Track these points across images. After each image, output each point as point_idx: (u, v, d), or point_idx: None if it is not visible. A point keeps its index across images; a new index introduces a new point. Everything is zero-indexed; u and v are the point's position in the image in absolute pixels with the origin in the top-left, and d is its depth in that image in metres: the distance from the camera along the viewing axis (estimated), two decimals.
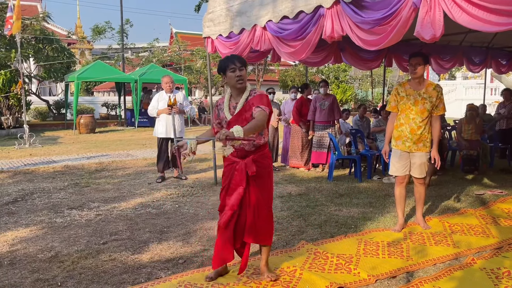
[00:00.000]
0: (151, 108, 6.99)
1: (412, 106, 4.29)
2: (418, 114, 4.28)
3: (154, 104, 7.00)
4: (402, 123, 4.38)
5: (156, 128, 7.08)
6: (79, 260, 3.68)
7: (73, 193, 6.20)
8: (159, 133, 7.00)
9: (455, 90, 25.18)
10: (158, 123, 7.03)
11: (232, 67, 3.11)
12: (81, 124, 15.36)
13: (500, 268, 3.46)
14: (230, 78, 3.14)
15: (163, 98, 6.97)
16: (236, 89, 3.19)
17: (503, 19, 2.92)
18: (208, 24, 6.28)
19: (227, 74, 3.14)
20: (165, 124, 6.91)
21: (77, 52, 31.02)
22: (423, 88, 4.31)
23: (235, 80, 3.13)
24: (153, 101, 7.06)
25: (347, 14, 4.02)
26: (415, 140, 4.33)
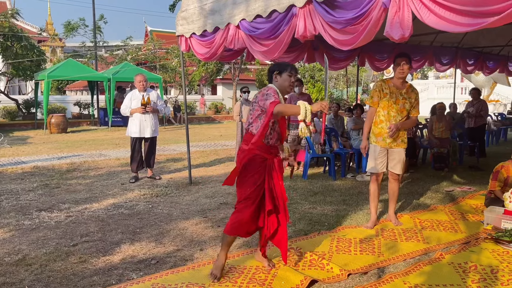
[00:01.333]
0: (124, 107, 6.85)
1: (394, 104, 4.40)
2: (398, 112, 4.39)
3: (127, 103, 6.86)
4: (382, 120, 4.46)
5: (129, 127, 6.94)
6: (48, 263, 3.59)
7: (42, 194, 6.04)
8: (133, 132, 6.87)
9: (427, 89, 25.78)
10: (131, 123, 6.90)
11: (291, 71, 3.33)
12: (52, 123, 14.99)
13: (467, 263, 3.56)
14: (285, 80, 3.32)
15: (136, 97, 6.86)
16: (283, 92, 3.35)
17: (469, 20, 2.99)
18: (182, 23, 6.22)
19: (283, 75, 3.32)
20: (138, 123, 6.79)
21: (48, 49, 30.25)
22: (404, 88, 4.45)
23: (289, 84, 3.34)
24: (126, 100, 6.92)
25: (319, 13, 4.04)
26: (395, 137, 4.42)
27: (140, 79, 6.83)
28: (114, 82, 16.80)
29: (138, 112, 6.73)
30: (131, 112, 6.77)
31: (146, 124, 6.82)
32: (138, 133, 6.82)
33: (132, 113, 6.77)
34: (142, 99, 6.77)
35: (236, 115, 7.87)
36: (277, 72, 3.33)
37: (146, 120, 6.82)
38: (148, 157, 7.06)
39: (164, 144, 12.11)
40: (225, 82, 29.42)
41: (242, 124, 7.79)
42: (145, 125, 6.82)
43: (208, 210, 5.22)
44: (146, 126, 6.82)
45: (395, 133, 4.34)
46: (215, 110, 24.61)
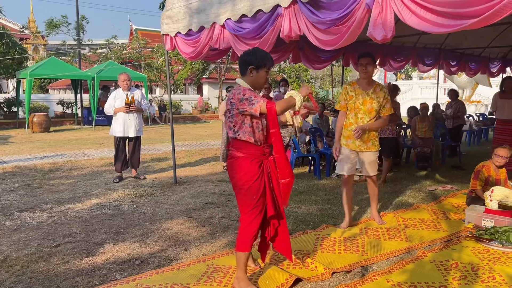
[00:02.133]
0: (108, 106, 6.79)
1: (361, 105, 4.36)
2: (366, 113, 4.34)
3: (110, 102, 6.79)
4: (351, 122, 4.42)
5: (113, 127, 6.85)
6: (29, 264, 3.53)
7: (24, 194, 5.94)
8: (116, 132, 6.79)
9: (411, 90, 26.09)
10: (115, 122, 6.81)
11: (269, 67, 3.01)
12: (34, 122, 14.74)
13: (449, 260, 3.62)
14: (261, 77, 3.00)
15: (120, 96, 6.78)
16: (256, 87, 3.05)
17: (449, 21, 3.05)
18: (167, 21, 6.18)
19: (261, 72, 2.98)
20: (122, 122, 6.73)
21: (30, 47, 29.74)
22: (371, 88, 4.38)
23: (264, 81, 3.05)
24: (110, 99, 6.84)
25: (304, 14, 4.07)
26: (364, 139, 4.38)
27: (124, 78, 6.75)
28: (98, 81, 16.61)
29: (122, 111, 6.67)
30: (115, 111, 6.70)
31: (130, 123, 6.76)
32: (122, 132, 6.75)
33: (116, 112, 6.70)
34: (126, 98, 6.70)
35: (221, 115, 7.84)
36: (254, 67, 2.96)
37: (130, 119, 6.75)
38: (133, 157, 7.00)
39: (149, 143, 12.02)
40: (211, 81, 29.34)
41: None
42: (129, 124, 6.75)
43: (193, 210, 5.20)
44: (130, 126, 6.76)
45: (360, 134, 4.26)
46: (201, 110, 24.51)
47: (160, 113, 20.45)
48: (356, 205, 5.40)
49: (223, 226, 4.55)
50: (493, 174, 5.04)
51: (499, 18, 2.82)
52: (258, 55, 2.99)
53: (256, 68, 2.97)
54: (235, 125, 2.99)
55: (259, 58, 2.97)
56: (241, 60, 3.03)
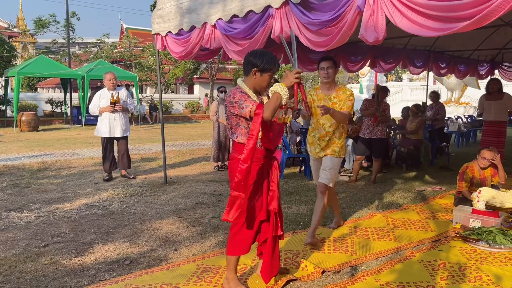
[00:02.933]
0: (92, 106, 6.68)
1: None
2: (327, 119, 4.05)
3: (95, 102, 6.69)
4: (313, 128, 4.19)
5: (98, 127, 6.76)
6: (17, 264, 3.50)
7: (12, 194, 5.88)
8: (102, 132, 6.71)
9: (401, 91, 26.32)
10: (100, 122, 6.72)
11: (274, 72, 2.91)
12: (22, 121, 14.58)
13: (437, 260, 3.65)
14: (264, 81, 2.90)
15: (105, 95, 6.69)
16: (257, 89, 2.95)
17: (440, 25, 3.08)
18: (158, 21, 6.16)
19: (264, 75, 2.88)
20: (108, 122, 6.65)
21: (19, 45, 29.41)
22: (333, 93, 4.13)
23: (267, 84, 2.95)
24: (95, 98, 6.72)
25: (295, 15, 4.08)
26: (323, 146, 4.11)
27: (110, 77, 6.67)
28: (88, 80, 16.49)
29: (107, 110, 6.58)
30: (100, 111, 6.61)
31: (116, 123, 6.68)
32: (108, 132, 6.68)
33: (101, 112, 6.61)
34: (111, 97, 6.61)
35: (212, 115, 7.84)
36: (259, 70, 2.86)
37: (115, 119, 6.68)
38: (122, 157, 6.92)
39: (139, 143, 11.97)
40: (202, 81, 29.28)
41: (218, 123, 7.78)
42: (115, 124, 6.67)
43: (183, 210, 5.19)
44: (116, 126, 6.68)
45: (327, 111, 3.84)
46: (192, 110, 24.45)
47: (151, 112, 20.37)
48: (345, 205, 5.44)
49: (213, 226, 4.55)
50: (477, 174, 5.11)
51: (489, 21, 2.86)
52: (265, 58, 2.87)
53: (260, 71, 2.87)
54: (231, 127, 2.95)
55: (265, 62, 2.86)
56: (247, 60, 2.92)
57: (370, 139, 6.75)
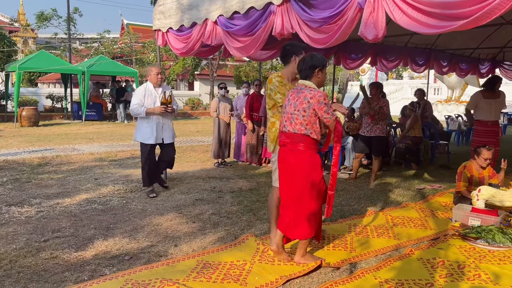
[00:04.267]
0: (136, 106, 5.40)
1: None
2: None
3: (138, 100, 5.42)
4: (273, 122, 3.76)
5: (140, 131, 5.54)
6: (18, 259, 3.51)
7: (12, 189, 5.89)
8: (147, 138, 5.49)
9: (401, 89, 26.30)
10: (144, 125, 5.51)
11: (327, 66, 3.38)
12: (23, 116, 14.57)
13: (436, 258, 3.67)
14: (324, 76, 3.37)
15: (151, 93, 5.49)
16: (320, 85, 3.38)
17: (438, 22, 3.09)
18: (159, 17, 6.16)
19: (324, 71, 3.34)
20: (155, 126, 5.48)
21: (20, 40, 29.37)
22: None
23: (324, 80, 3.39)
24: (137, 96, 5.47)
25: (296, 11, 4.08)
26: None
27: (157, 71, 5.50)
28: (89, 75, 16.47)
29: (158, 112, 5.42)
30: (148, 113, 5.41)
31: (165, 127, 5.58)
32: (155, 138, 5.50)
33: (149, 113, 5.43)
34: (162, 97, 5.45)
35: (213, 111, 7.84)
36: (320, 68, 3.31)
37: (164, 122, 5.56)
38: (167, 165, 5.96)
39: None
40: (202, 78, 29.25)
41: (219, 120, 7.77)
42: (164, 128, 5.56)
43: (183, 206, 5.20)
44: (165, 130, 5.58)
45: None
46: (192, 106, 24.43)
47: None
48: (345, 202, 5.45)
49: (213, 223, 4.56)
50: (476, 173, 5.11)
51: (488, 20, 2.86)
52: (314, 56, 3.32)
53: (321, 69, 3.31)
54: (307, 123, 3.27)
55: (319, 59, 3.30)
56: (305, 66, 3.32)
57: (370, 137, 6.74)
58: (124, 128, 15.27)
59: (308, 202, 3.34)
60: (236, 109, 8.16)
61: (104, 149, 9.85)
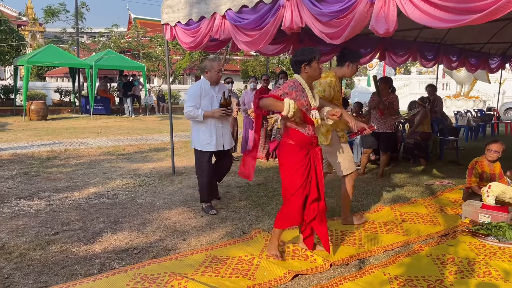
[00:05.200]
0: (191, 108, 4.58)
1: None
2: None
3: (194, 101, 4.61)
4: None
5: (198, 137, 4.73)
6: (28, 252, 3.54)
7: (21, 182, 5.93)
8: (206, 144, 4.70)
9: (409, 85, 26.12)
10: (200, 129, 4.71)
11: (319, 58, 3.30)
12: (31, 110, 14.67)
13: (445, 255, 3.64)
14: (315, 69, 3.31)
15: (208, 92, 4.67)
16: (311, 81, 3.39)
17: (452, 16, 3.04)
18: (167, 11, 6.14)
19: (313, 65, 3.29)
20: (214, 131, 4.68)
21: (28, 34, 29.49)
22: None
23: (319, 72, 3.35)
24: (193, 96, 4.62)
25: (306, 5, 4.04)
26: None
27: (219, 67, 4.71)
28: (96, 70, 16.52)
29: (217, 116, 4.63)
30: (206, 116, 4.62)
31: (225, 131, 4.79)
32: (215, 145, 4.71)
33: (208, 117, 4.63)
34: (222, 97, 4.66)
35: None
36: (306, 63, 3.30)
37: (224, 126, 4.78)
38: (223, 173, 5.16)
39: (147, 133, 12.01)
40: None
41: None
42: (223, 132, 4.77)
43: (191, 200, 5.21)
44: (225, 134, 4.79)
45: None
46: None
47: (159, 103, 20.40)
48: (353, 198, 5.42)
49: (221, 217, 4.56)
50: (487, 169, 5.06)
51: (502, 14, 2.81)
52: (303, 50, 3.34)
53: (308, 64, 3.29)
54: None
55: (305, 53, 3.30)
56: (293, 63, 3.37)
57: (378, 132, 6.69)
58: (131, 122, 15.32)
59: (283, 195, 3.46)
60: (244, 104, 8.14)
61: (112, 143, 9.89)
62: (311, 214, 3.44)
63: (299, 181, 3.34)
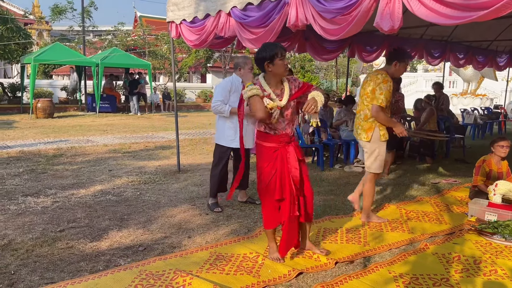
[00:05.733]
0: (219, 103, 4.62)
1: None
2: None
3: (223, 96, 4.63)
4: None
5: (223, 133, 4.76)
6: (34, 248, 3.57)
7: (28, 179, 5.97)
8: (230, 140, 4.72)
9: (416, 82, 25.96)
10: (225, 126, 4.73)
11: (283, 54, 3.15)
12: (38, 108, 14.75)
13: (451, 253, 3.62)
14: (279, 66, 3.15)
15: (237, 89, 4.63)
16: (279, 77, 3.24)
17: (458, 13, 3.02)
18: (172, 8, 6.14)
19: (276, 62, 3.13)
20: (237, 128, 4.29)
21: (35, 33, 29.65)
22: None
23: (284, 68, 3.19)
24: (222, 91, 4.66)
25: (311, 2, 4.03)
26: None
27: (251, 65, 4.63)
28: (102, 68, 16.58)
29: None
30: (232, 113, 4.60)
31: (249, 130, 4.61)
32: (238, 142, 4.52)
33: (234, 113, 4.55)
34: None
35: None
36: (268, 61, 3.14)
37: (248, 124, 4.56)
38: (244, 174, 4.81)
39: (152, 131, 12.05)
40: (215, 70, 29.24)
41: None
42: (248, 131, 4.59)
43: (197, 198, 5.22)
44: (249, 133, 4.61)
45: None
46: (204, 99, 24.47)
47: (164, 101, 20.45)
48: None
49: (226, 215, 4.57)
50: (495, 168, 5.02)
51: (509, 11, 2.78)
52: (266, 48, 3.17)
53: (271, 61, 3.13)
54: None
55: (268, 51, 3.13)
56: (257, 62, 3.22)
57: None
58: (137, 120, 15.37)
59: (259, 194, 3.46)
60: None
61: (118, 141, 9.93)
62: (285, 213, 3.31)
63: (267, 180, 3.28)
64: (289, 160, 3.28)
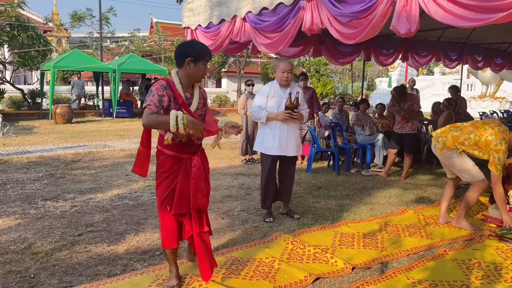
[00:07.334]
0: (257, 109, 4.48)
1: None
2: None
3: (260, 102, 4.50)
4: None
5: (263, 139, 4.59)
6: (53, 252, 3.62)
7: (48, 184, 6.08)
8: (269, 147, 4.53)
9: (432, 86, 25.65)
10: (265, 133, 4.55)
11: (207, 60, 2.88)
12: (57, 114, 15.02)
13: (471, 259, 3.55)
14: (200, 70, 2.86)
15: (276, 93, 4.48)
16: (194, 81, 2.94)
17: (476, 15, 2.98)
18: (188, 14, 6.21)
19: (199, 64, 2.83)
20: (278, 135, 4.46)
21: (54, 40, 30.25)
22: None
23: (202, 74, 2.91)
24: (260, 97, 4.53)
25: (326, 6, 4.03)
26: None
27: (284, 67, 4.41)
28: (119, 73, 16.82)
29: (280, 118, 4.41)
30: (268, 118, 4.45)
31: (290, 136, 4.50)
32: (279, 149, 4.47)
33: (271, 119, 4.45)
34: (288, 99, 4.41)
35: (240, 109, 7.85)
36: (193, 59, 2.80)
37: (289, 130, 4.49)
38: (286, 184, 4.76)
39: None
40: (229, 75, 29.37)
41: (246, 117, 7.78)
42: (288, 137, 4.49)
43: (212, 202, 5.23)
44: (289, 140, 4.50)
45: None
46: (220, 103, 24.58)
47: None
48: (375, 200, 5.36)
49: (242, 219, 4.57)
50: None
51: None
52: (194, 45, 2.85)
53: (194, 61, 2.82)
54: None
55: (196, 49, 2.82)
56: (177, 53, 2.86)
57: (401, 134, 6.61)
58: None
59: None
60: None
61: (135, 145, 10.03)
62: (186, 234, 3.00)
63: (163, 194, 2.96)
64: (194, 172, 2.98)
